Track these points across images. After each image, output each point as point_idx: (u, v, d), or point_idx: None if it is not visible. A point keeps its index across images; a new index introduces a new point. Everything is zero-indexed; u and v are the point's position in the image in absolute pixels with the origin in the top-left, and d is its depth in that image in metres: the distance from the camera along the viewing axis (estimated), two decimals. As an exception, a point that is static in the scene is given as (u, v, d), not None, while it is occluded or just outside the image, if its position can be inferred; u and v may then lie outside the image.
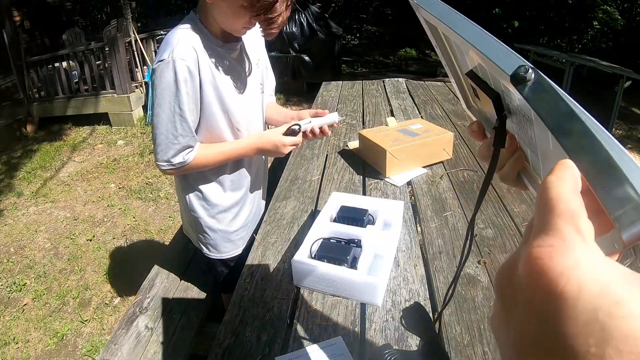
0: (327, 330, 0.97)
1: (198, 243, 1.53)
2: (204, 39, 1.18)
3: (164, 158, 1.21)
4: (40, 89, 5.70)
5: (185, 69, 1.13)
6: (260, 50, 1.41)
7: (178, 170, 1.27)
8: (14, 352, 2.36)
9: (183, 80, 1.13)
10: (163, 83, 1.13)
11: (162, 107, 1.16)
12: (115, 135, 5.28)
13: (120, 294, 2.71)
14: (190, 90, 1.16)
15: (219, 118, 1.27)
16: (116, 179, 4.23)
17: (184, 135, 1.19)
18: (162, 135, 1.19)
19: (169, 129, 1.18)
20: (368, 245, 1.12)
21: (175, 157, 1.22)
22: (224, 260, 1.54)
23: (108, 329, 2.45)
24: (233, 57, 1.27)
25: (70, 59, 5.49)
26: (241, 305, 1.08)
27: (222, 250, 1.51)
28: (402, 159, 1.63)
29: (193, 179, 1.40)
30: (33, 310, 2.65)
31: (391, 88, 2.89)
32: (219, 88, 1.22)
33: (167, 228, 3.37)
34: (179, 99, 1.15)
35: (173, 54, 1.11)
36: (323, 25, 6.53)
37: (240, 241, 1.54)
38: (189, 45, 1.14)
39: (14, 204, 3.90)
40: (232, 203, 1.46)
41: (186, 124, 1.18)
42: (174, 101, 1.15)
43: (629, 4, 8.20)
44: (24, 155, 4.95)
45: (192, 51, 1.14)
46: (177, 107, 1.16)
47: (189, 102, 1.17)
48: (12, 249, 3.27)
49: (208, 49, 1.19)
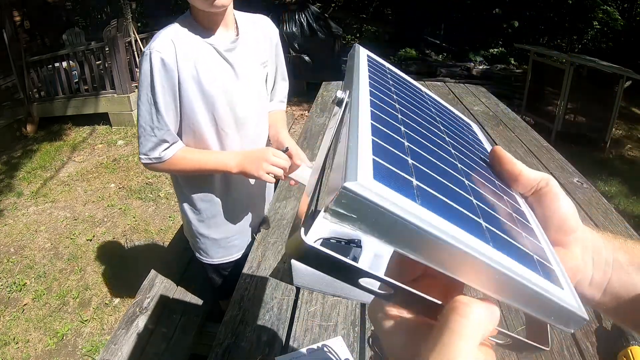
0: (327, 330, 0.97)
1: (193, 247, 1.50)
2: (192, 32, 1.16)
3: (142, 150, 1.19)
4: (40, 89, 5.70)
5: (159, 61, 1.10)
6: (269, 52, 1.35)
7: (156, 167, 1.22)
8: (14, 352, 2.36)
9: (157, 72, 1.11)
10: (142, 75, 1.13)
11: (140, 98, 1.15)
12: (115, 135, 5.28)
13: (120, 294, 2.71)
14: (165, 82, 1.13)
15: (202, 116, 1.22)
16: (116, 179, 4.23)
17: (159, 128, 1.16)
18: (141, 127, 1.17)
19: (147, 120, 1.16)
20: (368, 245, 1.12)
21: (153, 151, 1.19)
22: (216, 265, 1.49)
23: (108, 329, 2.45)
24: (226, 53, 1.20)
25: (70, 59, 5.49)
26: (241, 305, 1.08)
27: (213, 255, 1.46)
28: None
29: (183, 181, 1.36)
30: (33, 310, 2.65)
31: (391, 88, 2.89)
32: (203, 83, 1.17)
33: (167, 228, 3.37)
34: (153, 90, 1.13)
35: (150, 47, 1.11)
36: (323, 25, 6.53)
37: (234, 248, 1.48)
38: (168, 38, 1.12)
39: (14, 204, 3.90)
40: (220, 210, 1.39)
41: (160, 116, 1.15)
42: (149, 93, 1.13)
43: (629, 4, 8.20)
44: (24, 155, 4.95)
45: (170, 43, 1.12)
46: (152, 99, 1.14)
47: (164, 94, 1.14)
48: (12, 249, 3.27)
49: (195, 42, 1.16)
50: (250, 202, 1.47)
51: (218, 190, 1.36)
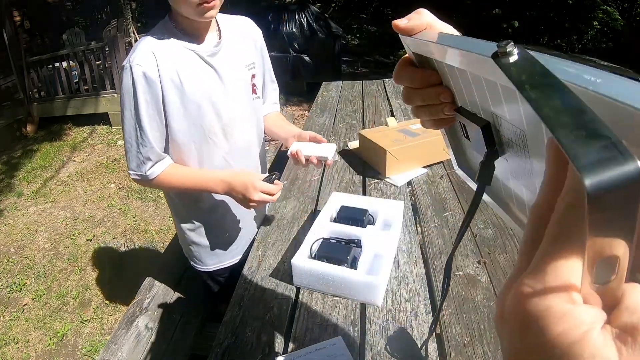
0: (327, 330, 0.97)
1: (187, 255, 1.48)
2: (173, 40, 1.12)
3: (130, 166, 1.17)
4: (40, 89, 5.70)
5: (141, 75, 1.07)
6: (256, 54, 1.31)
7: (145, 183, 1.20)
8: (14, 352, 2.36)
9: (140, 86, 1.07)
10: (123, 90, 1.09)
11: (124, 114, 1.12)
12: (115, 135, 5.28)
13: (120, 294, 2.71)
14: (148, 96, 1.09)
15: (187, 126, 1.18)
16: (116, 179, 4.23)
17: (143, 145, 1.13)
18: (127, 142, 1.14)
19: (132, 136, 1.12)
20: (368, 245, 1.12)
21: (139, 168, 1.16)
22: (210, 272, 1.47)
23: (108, 329, 2.45)
24: (209, 58, 1.17)
25: (70, 59, 5.49)
26: (241, 305, 1.08)
27: (207, 262, 1.44)
28: (402, 159, 1.63)
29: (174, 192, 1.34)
30: (33, 310, 2.65)
31: (391, 88, 2.89)
32: (187, 92, 1.14)
33: (167, 228, 3.37)
34: (136, 106, 1.09)
35: (130, 60, 1.07)
36: (323, 25, 6.53)
37: (227, 255, 1.45)
38: (148, 50, 1.09)
39: (14, 204, 3.90)
40: (213, 217, 1.37)
41: (144, 133, 1.11)
42: (132, 108, 1.10)
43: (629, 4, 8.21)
44: (24, 155, 4.95)
45: (151, 56, 1.08)
46: (135, 115, 1.10)
47: (147, 109, 1.10)
48: (12, 249, 3.27)
49: (177, 50, 1.12)
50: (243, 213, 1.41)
51: (211, 198, 1.33)
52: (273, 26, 6.20)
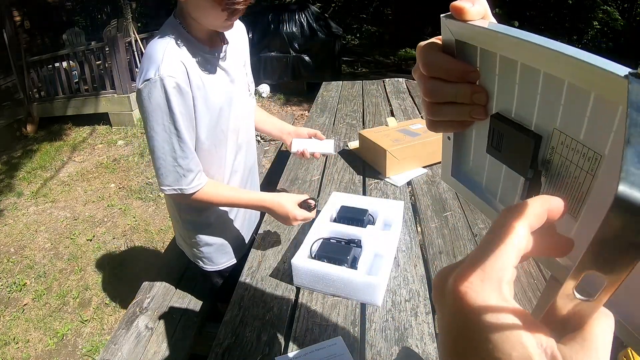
0: (327, 330, 0.97)
1: (193, 257, 1.48)
2: (190, 47, 1.09)
3: (165, 182, 1.13)
4: (40, 89, 5.70)
5: (176, 87, 1.03)
6: (246, 52, 1.34)
7: (183, 197, 1.17)
8: (14, 352, 2.36)
9: (175, 99, 1.04)
10: (153, 104, 1.03)
11: (155, 129, 1.06)
12: (115, 135, 5.28)
13: (120, 294, 2.71)
14: (183, 108, 1.07)
15: (210, 127, 1.18)
16: (116, 179, 4.23)
17: (183, 157, 1.10)
18: (159, 159, 1.10)
19: (167, 151, 1.09)
20: (368, 245, 1.12)
21: (179, 182, 1.13)
22: (220, 271, 1.49)
23: (108, 329, 2.45)
24: (221, 62, 1.18)
25: (70, 59, 5.49)
26: (241, 305, 1.08)
27: (218, 262, 1.46)
28: (402, 159, 1.63)
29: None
30: (33, 310, 2.65)
31: (391, 88, 2.89)
32: (210, 99, 1.14)
33: (167, 228, 3.37)
34: (173, 119, 1.05)
35: (160, 72, 1.02)
36: (323, 25, 6.53)
37: (235, 251, 1.49)
38: (177, 59, 1.05)
39: (14, 204, 3.90)
40: (220, 216, 1.39)
41: (184, 144, 1.09)
42: (167, 122, 1.06)
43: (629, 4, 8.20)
44: (24, 155, 4.95)
45: (181, 65, 1.05)
46: (173, 128, 1.06)
47: (184, 120, 1.07)
48: (12, 249, 3.27)
49: (196, 57, 1.10)
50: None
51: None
52: (273, 26, 6.20)
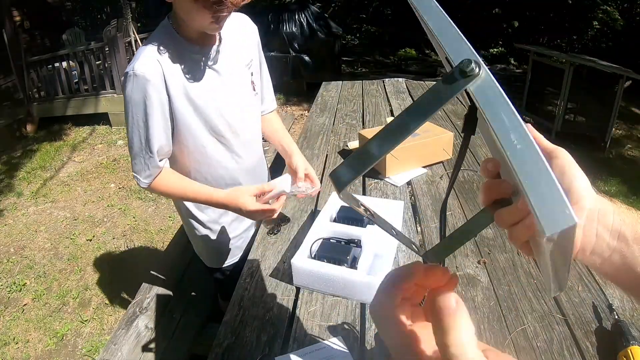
0: (327, 330, 0.97)
1: (202, 255, 1.50)
2: (176, 47, 1.12)
3: (133, 169, 1.17)
4: (40, 89, 5.69)
5: (146, 84, 1.06)
6: (253, 51, 1.33)
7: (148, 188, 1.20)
8: (14, 352, 2.36)
9: (142, 95, 1.07)
10: (126, 97, 1.09)
11: (128, 120, 1.12)
12: (115, 135, 5.28)
13: (120, 294, 2.71)
14: (151, 105, 1.09)
15: (198, 129, 1.20)
16: (116, 179, 4.23)
17: (146, 151, 1.13)
18: (130, 148, 1.14)
19: (135, 142, 1.13)
20: (368, 245, 1.12)
21: (139, 173, 1.17)
22: (222, 269, 1.50)
23: (108, 329, 2.45)
24: (213, 62, 1.18)
25: (70, 59, 5.49)
26: (241, 305, 1.08)
27: (221, 259, 1.47)
28: (402, 159, 1.64)
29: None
30: (33, 310, 2.65)
31: (391, 88, 2.89)
32: (194, 99, 1.15)
33: (167, 228, 3.37)
34: (139, 113, 1.09)
35: (134, 68, 1.06)
36: (323, 25, 6.53)
37: (237, 250, 1.49)
38: (153, 58, 1.08)
39: (14, 204, 3.90)
40: (222, 214, 1.39)
41: (148, 140, 1.12)
42: (135, 115, 1.10)
43: (629, 4, 8.20)
44: (24, 155, 4.95)
45: (156, 64, 1.08)
46: (140, 122, 1.10)
47: (151, 116, 1.10)
48: (12, 249, 3.27)
49: (181, 58, 1.12)
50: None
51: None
52: (273, 26, 6.20)
